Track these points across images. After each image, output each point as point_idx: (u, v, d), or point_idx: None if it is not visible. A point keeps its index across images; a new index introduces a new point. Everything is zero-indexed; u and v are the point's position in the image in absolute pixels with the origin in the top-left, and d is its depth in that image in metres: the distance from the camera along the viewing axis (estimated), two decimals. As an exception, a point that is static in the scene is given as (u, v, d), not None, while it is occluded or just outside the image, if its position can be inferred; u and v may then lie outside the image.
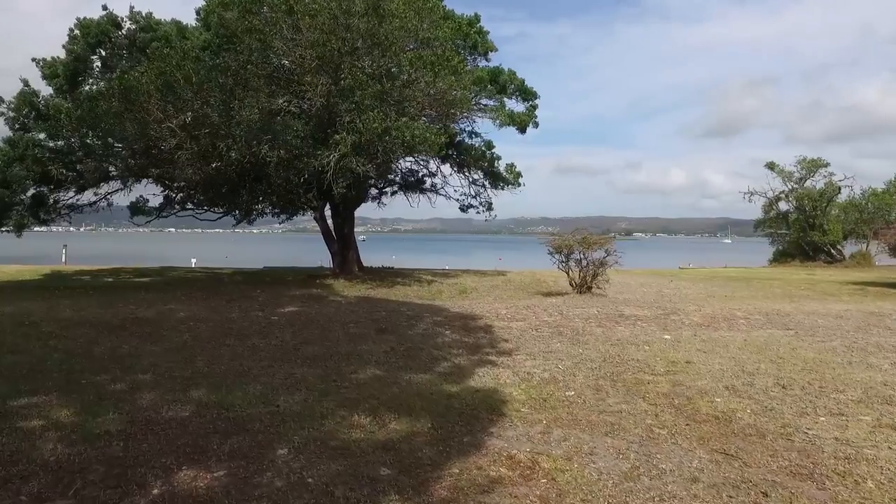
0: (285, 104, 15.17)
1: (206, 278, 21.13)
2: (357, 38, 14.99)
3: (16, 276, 19.80)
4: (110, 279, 20.25)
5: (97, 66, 18.45)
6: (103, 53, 18.41)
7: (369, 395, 6.41)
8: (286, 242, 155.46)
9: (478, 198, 25.63)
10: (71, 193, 19.16)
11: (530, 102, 20.38)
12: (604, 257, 16.87)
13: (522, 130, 20.80)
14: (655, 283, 21.69)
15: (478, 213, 26.04)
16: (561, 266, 17.72)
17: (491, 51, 20.68)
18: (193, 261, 39.94)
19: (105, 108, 14.94)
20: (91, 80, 18.43)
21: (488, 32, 21.12)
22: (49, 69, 17.73)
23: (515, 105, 20.25)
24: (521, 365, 8.20)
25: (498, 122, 19.21)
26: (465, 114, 18.45)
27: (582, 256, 17.21)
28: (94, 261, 38.41)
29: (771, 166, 35.88)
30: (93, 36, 17.10)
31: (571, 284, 17.46)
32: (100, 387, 6.49)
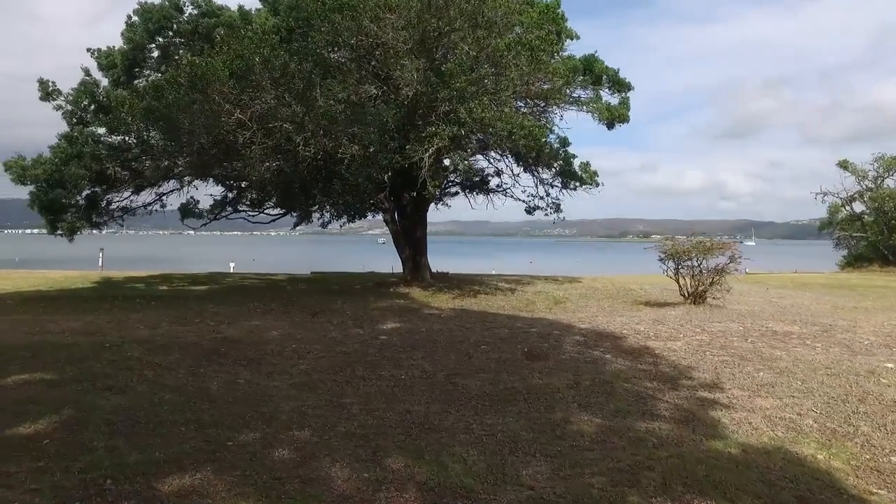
0: (376, 91, 13.41)
1: (266, 286, 19.45)
2: (457, 18, 13.22)
3: (66, 284, 18.23)
4: (164, 287, 18.64)
5: (154, 56, 16.85)
6: (161, 41, 16.80)
7: (636, 463, 4.61)
8: (309, 245, 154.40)
9: (545, 199, 23.73)
10: (125, 194, 17.55)
11: (622, 94, 18.48)
12: (725, 264, 14.96)
13: (611, 126, 18.90)
14: (753, 291, 19.71)
15: (546, 214, 24.13)
16: (669, 273, 15.90)
17: (572, 38, 18.80)
18: (232, 265, 38.42)
19: (173, 98, 13.29)
20: (147, 71, 16.83)
21: (567, 19, 19.29)
22: (106, 59, 16.12)
23: (608, 97, 18.36)
24: (754, 405, 6.42)
25: (595, 116, 17.27)
26: (560, 106, 16.59)
27: (696, 263, 15.34)
28: (128, 265, 37.09)
29: (844, 165, 33.53)
30: (155, 21, 15.47)
31: (683, 294, 15.58)
32: (259, 454, 4.73)
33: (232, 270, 34.06)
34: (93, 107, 15.35)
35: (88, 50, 16.91)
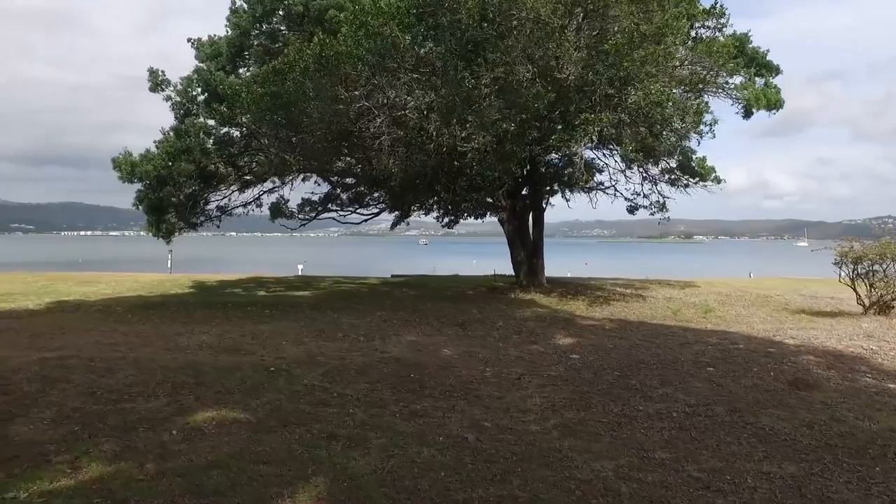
0: (526, 73, 11.76)
1: (369, 292, 18.01)
2: (618, -13, 11.54)
3: (162, 289, 16.98)
4: (263, 292, 17.32)
5: (255, 44, 15.54)
6: (265, 28, 15.49)
7: None
8: (351, 246, 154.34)
9: (648, 197, 21.71)
10: (224, 192, 16.28)
11: (766, 78, 16.42)
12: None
13: (749, 114, 16.84)
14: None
15: (651, 213, 22.13)
16: (845, 279, 13.96)
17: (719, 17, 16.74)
18: (300, 267, 37.45)
19: (295, 83, 11.90)
20: (250, 60, 15.54)
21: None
22: (211, 48, 14.83)
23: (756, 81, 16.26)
24: None
25: (752, 103, 15.17)
26: (710, 92, 14.67)
27: (882, 268, 13.38)
28: (192, 267, 36.28)
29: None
30: (267, 3, 14.10)
31: (861, 303, 13.62)
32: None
33: (301, 272, 33.05)
34: (203, 96, 14.09)
35: (189, 40, 15.75)
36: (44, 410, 5.72)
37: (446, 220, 17.35)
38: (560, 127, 12.53)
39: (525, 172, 14.00)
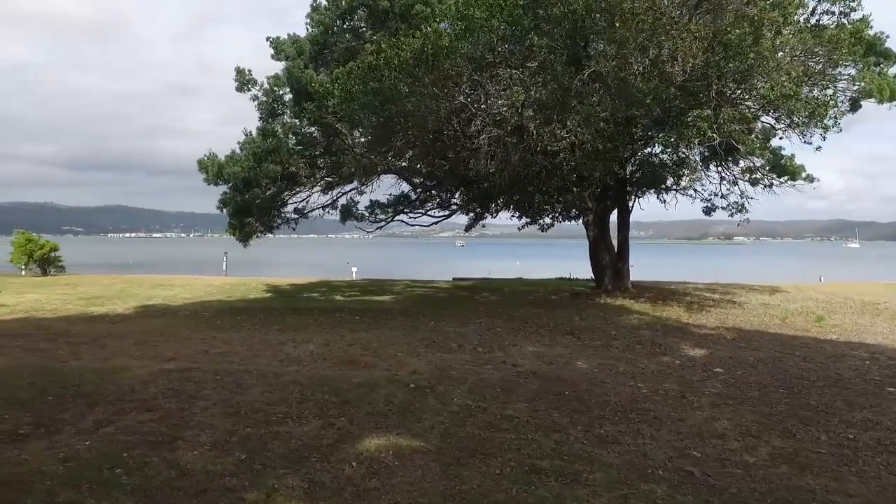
0: (639, 67, 11.06)
1: (448, 296, 17.45)
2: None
3: (240, 294, 16.60)
4: (340, 297, 16.90)
5: (339, 41, 15.10)
6: (344, 25, 15.05)
7: None
8: (386, 248, 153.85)
9: (726, 197, 20.63)
10: (302, 195, 15.90)
11: (882, 67, 15.27)
12: None
13: (856, 107, 15.67)
14: None
15: (730, 215, 21.08)
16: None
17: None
18: (354, 269, 37.13)
19: (395, 80, 11.39)
20: (331, 57, 15.11)
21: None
22: (293, 46, 14.43)
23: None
24: None
25: (846, 94, 14.11)
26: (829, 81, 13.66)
27: None
28: (245, 269, 36.31)
29: None
30: (351, -1, 13.65)
31: None
32: None
33: (354, 276, 32.63)
34: (290, 95, 13.69)
35: (268, 39, 15.39)
36: (198, 433, 5.25)
37: (537, 222, 16.70)
38: (653, 123, 11.81)
39: (627, 172, 13.27)
